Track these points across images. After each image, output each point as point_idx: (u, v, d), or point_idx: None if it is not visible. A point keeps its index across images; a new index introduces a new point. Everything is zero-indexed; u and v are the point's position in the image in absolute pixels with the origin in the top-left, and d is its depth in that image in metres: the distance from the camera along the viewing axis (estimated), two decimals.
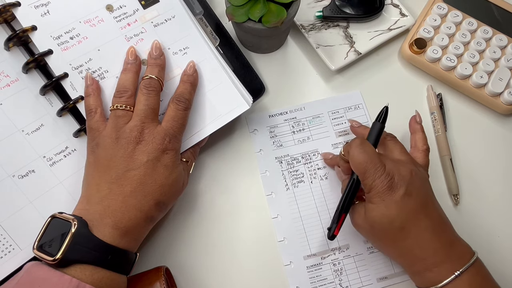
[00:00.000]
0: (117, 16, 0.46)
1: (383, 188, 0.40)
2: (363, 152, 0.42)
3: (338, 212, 0.44)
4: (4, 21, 0.43)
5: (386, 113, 0.46)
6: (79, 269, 0.36)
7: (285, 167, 0.53)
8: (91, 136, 0.42)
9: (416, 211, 0.40)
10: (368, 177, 0.41)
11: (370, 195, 0.41)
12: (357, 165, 0.42)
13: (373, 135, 0.45)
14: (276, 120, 0.55)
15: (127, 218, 0.39)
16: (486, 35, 0.57)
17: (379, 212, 0.40)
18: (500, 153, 0.55)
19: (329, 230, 0.45)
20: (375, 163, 0.41)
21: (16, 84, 0.44)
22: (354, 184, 0.44)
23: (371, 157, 0.41)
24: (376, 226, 0.41)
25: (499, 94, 0.55)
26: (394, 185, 0.40)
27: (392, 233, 0.41)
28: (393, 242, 0.42)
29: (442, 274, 0.39)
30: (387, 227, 0.41)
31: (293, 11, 0.50)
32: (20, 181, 0.43)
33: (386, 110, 0.46)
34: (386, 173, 0.40)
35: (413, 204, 0.40)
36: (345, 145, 0.45)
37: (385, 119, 0.46)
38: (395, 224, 0.40)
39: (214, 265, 0.49)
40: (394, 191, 0.40)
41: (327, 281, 0.48)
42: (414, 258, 0.41)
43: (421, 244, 0.40)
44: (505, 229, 0.51)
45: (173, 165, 0.42)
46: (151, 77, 0.43)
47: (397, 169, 0.41)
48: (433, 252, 0.40)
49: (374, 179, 0.40)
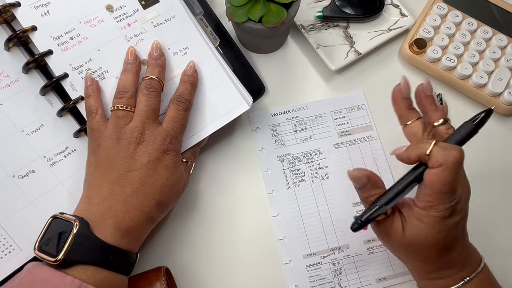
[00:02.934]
0: (117, 16, 0.46)
1: (446, 213, 0.35)
2: (455, 173, 0.34)
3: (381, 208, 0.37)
4: (4, 21, 0.43)
5: (486, 117, 0.37)
6: (80, 269, 0.36)
7: (286, 166, 0.53)
8: (92, 137, 0.42)
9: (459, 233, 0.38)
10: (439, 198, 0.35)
11: (424, 213, 0.36)
12: (440, 186, 0.34)
13: (460, 136, 0.37)
14: (279, 118, 0.55)
15: (128, 219, 0.39)
16: (486, 35, 0.57)
17: (427, 233, 0.36)
18: (500, 153, 0.55)
19: (358, 222, 0.37)
20: (455, 188, 0.35)
21: (16, 84, 0.44)
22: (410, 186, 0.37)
23: (456, 182, 0.35)
24: (414, 244, 0.37)
25: (499, 94, 0.55)
26: (456, 211, 0.36)
27: (429, 253, 0.38)
28: (424, 259, 0.39)
29: (454, 281, 0.39)
30: (426, 247, 0.37)
31: (293, 11, 0.50)
32: (20, 182, 0.43)
33: (488, 113, 0.37)
34: (454, 198, 0.35)
35: (462, 226, 0.38)
36: (439, 150, 0.35)
37: (482, 123, 0.37)
38: (438, 247, 0.37)
39: (214, 265, 0.49)
40: (453, 217, 0.36)
41: (326, 280, 0.48)
42: (435, 269, 0.39)
43: (449, 262, 0.39)
44: (505, 229, 0.52)
45: (174, 165, 0.42)
46: (152, 77, 0.43)
47: (464, 192, 0.36)
48: (453, 265, 0.39)
49: (443, 202, 0.35)
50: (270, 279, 0.48)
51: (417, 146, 0.36)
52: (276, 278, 0.48)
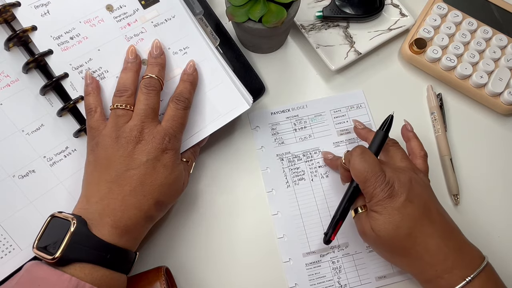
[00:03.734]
0: (117, 16, 0.46)
1: (384, 196, 0.40)
2: (363, 161, 0.42)
3: (336, 218, 0.44)
4: (4, 21, 0.44)
5: (390, 122, 0.46)
6: (78, 268, 0.36)
7: (286, 165, 0.53)
8: (91, 135, 0.42)
9: (420, 217, 0.40)
10: (369, 186, 0.41)
11: (371, 204, 0.42)
12: (358, 174, 0.42)
13: (375, 143, 0.45)
14: (278, 117, 0.55)
15: (126, 217, 0.39)
16: (486, 35, 0.57)
17: (382, 220, 0.40)
18: (500, 153, 0.55)
19: (325, 235, 0.45)
20: (375, 172, 0.41)
21: (16, 84, 0.44)
22: (352, 191, 0.44)
23: (371, 166, 0.41)
24: (382, 235, 0.41)
25: (499, 94, 0.55)
26: (394, 193, 0.40)
27: (399, 241, 0.40)
28: (401, 250, 0.41)
29: (454, 280, 0.39)
30: (393, 234, 0.40)
31: (293, 11, 0.50)
32: (20, 181, 0.43)
33: (390, 119, 0.46)
34: (386, 181, 0.41)
35: (416, 210, 0.40)
36: (346, 154, 0.45)
37: (389, 128, 0.46)
38: (401, 231, 0.40)
39: (214, 264, 0.49)
40: (395, 199, 0.40)
41: (326, 278, 0.48)
42: (424, 265, 0.40)
43: (430, 250, 0.40)
44: (505, 229, 0.51)
45: (173, 164, 0.42)
46: (151, 76, 0.43)
47: (397, 177, 0.41)
48: (442, 258, 0.40)
49: (374, 188, 0.41)
50: (269, 278, 0.48)
51: (336, 160, 0.51)
52: (276, 276, 0.48)
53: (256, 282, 0.48)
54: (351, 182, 0.45)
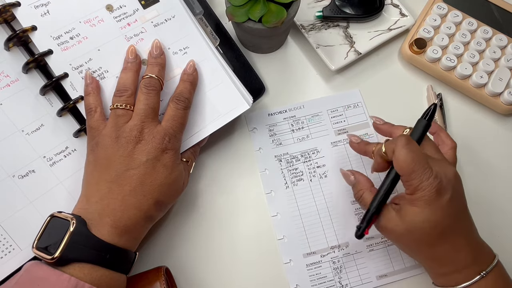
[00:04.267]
0: (117, 16, 0.46)
1: (432, 192, 0.38)
2: (410, 151, 0.39)
3: (372, 212, 0.41)
4: (4, 21, 0.44)
5: (434, 111, 0.43)
6: (78, 267, 0.36)
7: (284, 166, 0.53)
8: (91, 135, 0.42)
9: (458, 216, 0.39)
10: (415, 178, 0.38)
11: (413, 197, 0.39)
12: (404, 165, 0.39)
13: (418, 133, 0.42)
14: (276, 118, 0.55)
15: (126, 217, 0.39)
16: (486, 35, 0.57)
17: (422, 217, 0.38)
18: (500, 153, 0.55)
19: (358, 229, 0.42)
20: (423, 164, 0.38)
21: (16, 84, 0.44)
22: (391, 183, 0.41)
23: (419, 157, 0.39)
24: (415, 231, 0.39)
25: (499, 94, 0.55)
26: (442, 189, 0.38)
27: (431, 238, 0.39)
28: (428, 247, 0.40)
29: (470, 275, 0.39)
30: (427, 232, 0.39)
31: (293, 11, 0.50)
32: (20, 181, 0.43)
33: (434, 108, 0.43)
34: (434, 175, 0.38)
35: (456, 209, 0.39)
36: (388, 143, 0.41)
37: (432, 116, 0.43)
38: (437, 230, 0.39)
39: (214, 265, 0.49)
40: (442, 196, 0.38)
41: (327, 279, 0.48)
42: (446, 261, 0.40)
43: (457, 247, 0.39)
44: (505, 229, 0.51)
45: (173, 164, 0.42)
46: (151, 76, 0.43)
47: (443, 172, 0.39)
48: (465, 254, 0.39)
49: (421, 181, 0.38)
50: (270, 279, 0.48)
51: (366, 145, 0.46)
52: (277, 277, 0.48)
53: (256, 282, 0.48)
54: (389, 173, 0.42)
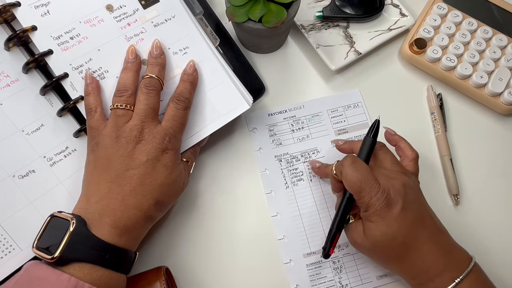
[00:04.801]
0: (117, 16, 0.46)
1: (381, 206, 0.39)
2: (356, 171, 0.40)
3: (333, 232, 0.43)
4: (4, 21, 0.44)
5: (377, 127, 0.45)
6: (77, 267, 0.36)
7: (284, 166, 0.53)
8: (91, 135, 0.42)
9: (415, 224, 0.40)
10: (364, 196, 0.40)
11: (367, 214, 0.40)
12: (352, 185, 0.40)
13: (364, 150, 0.44)
14: (276, 118, 0.55)
15: (126, 217, 0.39)
16: (486, 35, 0.57)
17: (379, 230, 0.40)
18: (500, 153, 0.55)
19: (324, 250, 0.44)
20: (369, 181, 0.40)
21: (16, 84, 0.44)
22: (346, 202, 0.43)
23: (365, 176, 0.40)
24: (377, 245, 0.40)
25: (499, 94, 0.55)
26: (391, 201, 0.39)
27: (394, 250, 0.40)
28: (395, 259, 0.41)
29: (444, 283, 0.39)
30: (388, 244, 0.40)
31: (293, 11, 0.50)
32: (20, 181, 0.43)
33: (377, 124, 0.45)
34: (382, 189, 0.39)
35: (411, 217, 0.40)
36: (337, 164, 0.43)
37: (376, 133, 0.45)
38: (397, 241, 0.40)
39: (214, 265, 0.49)
40: (392, 207, 0.39)
41: (327, 279, 0.48)
42: (416, 271, 0.41)
43: (422, 256, 0.40)
44: (505, 230, 0.51)
45: (173, 164, 0.42)
46: (152, 76, 0.43)
47: (391, 184, 0.40)
48: (434, 262, 0.40)
49: (370, 197, 0.39)
50: (270, 279, 0.48)
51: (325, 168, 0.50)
52: (277, 277, 0.48)
53: (256, 282, 0.48)
54: (344, 193, 0.44)
